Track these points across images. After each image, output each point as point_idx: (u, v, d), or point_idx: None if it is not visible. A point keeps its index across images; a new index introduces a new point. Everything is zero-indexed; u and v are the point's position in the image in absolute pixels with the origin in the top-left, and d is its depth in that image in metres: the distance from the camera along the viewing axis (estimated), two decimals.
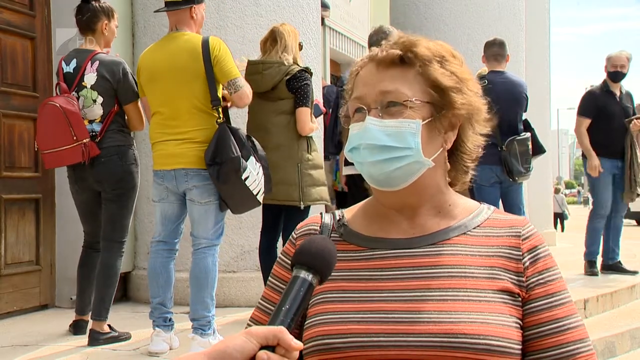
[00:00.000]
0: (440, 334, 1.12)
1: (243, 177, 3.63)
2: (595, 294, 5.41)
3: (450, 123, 1.25)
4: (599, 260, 6.57)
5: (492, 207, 1.31)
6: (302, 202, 4.26)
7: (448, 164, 1.28)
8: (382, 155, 1.20)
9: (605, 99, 6.46)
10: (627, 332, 4.91)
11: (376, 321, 1.16)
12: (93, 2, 4.09)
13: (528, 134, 5.63)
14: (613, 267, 6.52)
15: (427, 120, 1.22)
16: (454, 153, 1.29)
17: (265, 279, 4.47)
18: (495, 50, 5.72)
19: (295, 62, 4.34)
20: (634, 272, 6.45)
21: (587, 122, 6.51)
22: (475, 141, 1.30)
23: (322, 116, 5.09)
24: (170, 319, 3.79)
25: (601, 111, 6.42)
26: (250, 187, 3.67)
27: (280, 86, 4.27)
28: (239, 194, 3.68)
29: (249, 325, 1.29)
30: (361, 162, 1.23)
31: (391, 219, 1.27)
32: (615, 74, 6.43)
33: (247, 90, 3.77)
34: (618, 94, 6.46)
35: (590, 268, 6.45)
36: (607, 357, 4.62)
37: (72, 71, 4.01)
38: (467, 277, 1.19)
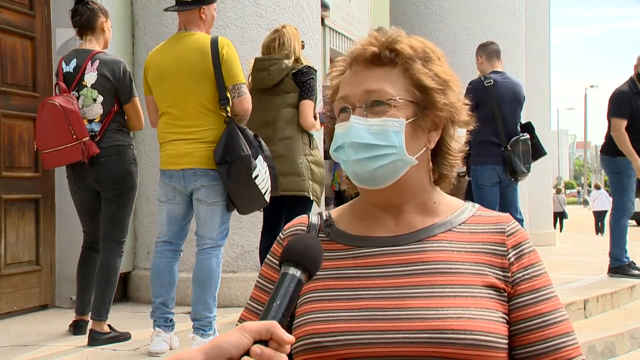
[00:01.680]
0: (427, 330, 1.14)
1: (253, 176, 3.64)
2: (595, 294, 5.41)
3: (434, 123, 1.27)
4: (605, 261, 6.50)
5: (477, 205, 1.33)
6: (310, 193, 4.31)
7: (431, 163, 1.30)
8: (365, 154, 1.22)
9: (636, 99, 6.24)
10: (627, 332, 4.91)
11: (364, 319, 1.17)
12: (89, 3, 4.09)
13: (527, 135, 5.63)
14: (625, 267, 6.42)
15: (410, 120, 1.24)
16: (438, 153, 1.30)
17: None
18: (495, 47, 5.72)
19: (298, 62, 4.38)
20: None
21: (624, 123, 6.17)
22: (458, 141, 1.32)
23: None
24: (171, 319, 3.78)
25: (633, 112, 6.20)
26: (259, 186, 3.68)
27: (286, 80, 4.31)
28: (248, 193, 3.69)
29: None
30: (345, 161, 1.25)
31: (377, 218, 1.29)
32: None
33: (248, 98, 3.78)
34: None
35: (625, 271, 6.23)
36: (607, 357, 4.62)
37: (72, 71, 4.01)
38: (453, 273, 1.20)
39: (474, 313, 1.15)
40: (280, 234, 1.37)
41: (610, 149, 6.34)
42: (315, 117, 4.51)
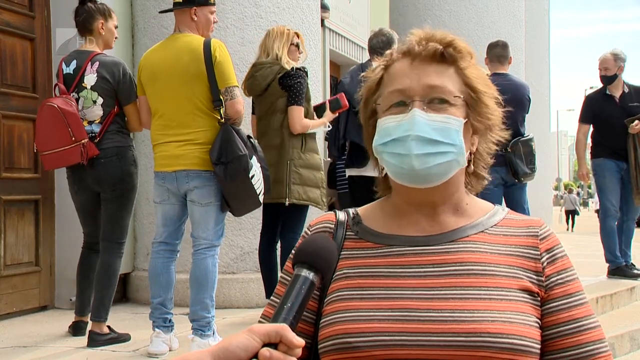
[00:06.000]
0: (464, 333, 1.12)
1: (250, 175, 3.64)
2: (594, 295, 5.40)
3: (476, 126, 1.26)
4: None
5: (507, 208, 1.32)
6: (287, 199, 4.26)
7: (472, 166, 1.29)
8: (428, 149, 1.19)
9: (603, 102, 6.36)
10: (627, 333, 4.91)
11: (397, 319, 1.15)
12: (89, 3, 4.09)
13: (532, 135, 5.63)
14: (623, 269, 6.41)
15: (465, 120, 1.23)
16: (475, 155, 1.29)
17: (265, 280, 4.47)
18: (498, 51, 5.70)
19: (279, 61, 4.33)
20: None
21: (585, 127, 6.50)
22: (488, 148, 1.31)
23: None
24: (170, 320, 3.78)
25: (599, 115, 6.36)
26: (254, 186, 3.68)
27: (273, 85, 4.30)
28: (244, 193, 3.69)
29: (260, 321, 1.30)
30: (405, 154, 1.20)
31: (409, 217, 1.27)
32: (602, 77, 6.39)
33: (241, 101, 3.77)
34: (619, 94, 6.33)
35: (624, 272, 6.25)
36: None
37: (72, 72, 4.01)
38: (488, 275, 1.18)
39: (510, 317, 1.14)
40: (306, 229, 1.34)
41: (591, 151, 6.56)
42: (316, 111, 4.49)
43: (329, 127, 4.81)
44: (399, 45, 1.30)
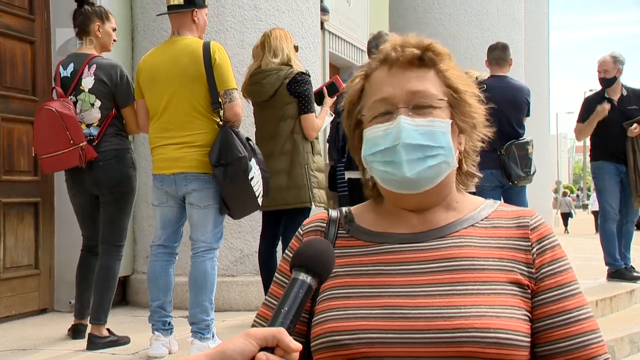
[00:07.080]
0: (450, 329, 1.12)
1: (249, 177, 3.64)
2: (594, 298, 5.40)
3: (462, 126, 1.27)
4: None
5: (498, 202, 1.31)
6: (312, 203, 4.28)
7: (465, 165, 1.30)
8: (416, 154, 1.20)
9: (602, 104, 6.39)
10: (627, 336, 4.90)
11: (385, 317, 1.16)
12: (86, 6, 4.09)
13: (528, 138, 5.63)
14: (623, 271, 6.41)
15: (450, 121, 1.24)
16: (464, 154, 1.30)
17: (265, 282, 4.47)
18: (497, 54, 5.70)
19: (288, 64, 4.33)
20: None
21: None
22: (474, 146, 1.31)
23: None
24: (169, 323, 3.78)
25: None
26: (253, 188, 3.68)
27: (281, 90, 4.27)
28: (243, 195, 3.69)
29: (255, 321, 1.31)
30: (396, 162, 1.20)
31: (400, 216, 1.27)
32: (601, 80, 6.39)
33: (239, 103, 3.77)
34: (617, 97, 6.31)
35: (623, 274, 6.25)
36: None
37: (69, 75, 4.01)
38: (477, 269, 1.18)
39: (498, 311, 1.13)
40: (299, 229, 1.35)
41: (591, 153, 6.54)
42: (315, 98, 4.47)
43: (332, 115, 4.78)
44: (376, 54, 1.30)
